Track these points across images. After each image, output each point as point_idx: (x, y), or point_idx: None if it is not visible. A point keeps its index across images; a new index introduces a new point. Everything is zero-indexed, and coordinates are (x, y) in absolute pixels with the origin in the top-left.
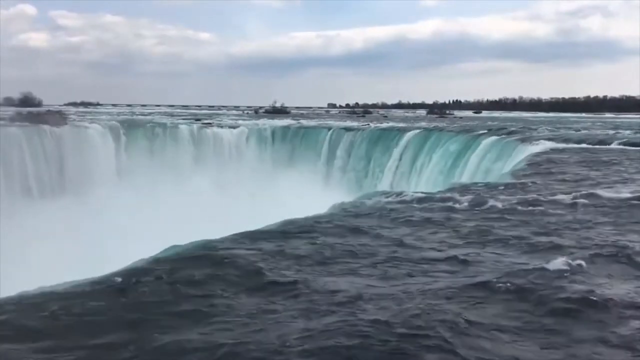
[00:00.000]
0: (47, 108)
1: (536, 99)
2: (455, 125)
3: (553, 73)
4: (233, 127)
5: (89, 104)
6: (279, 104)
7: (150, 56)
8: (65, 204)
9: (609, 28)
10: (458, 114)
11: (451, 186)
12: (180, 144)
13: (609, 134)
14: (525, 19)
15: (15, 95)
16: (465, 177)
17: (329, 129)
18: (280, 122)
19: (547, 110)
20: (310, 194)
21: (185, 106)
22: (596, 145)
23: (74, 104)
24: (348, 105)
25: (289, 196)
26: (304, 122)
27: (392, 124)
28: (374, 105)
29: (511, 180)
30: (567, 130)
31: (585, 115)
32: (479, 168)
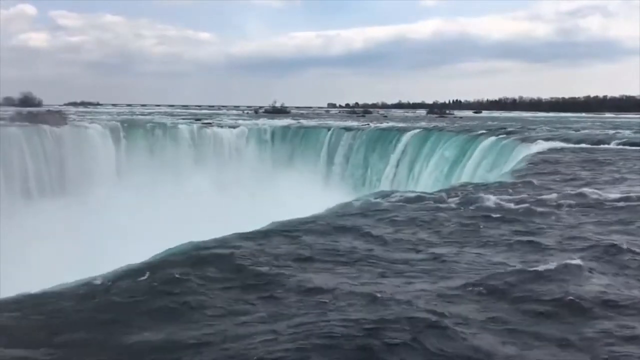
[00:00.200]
0: (47, 108)
1: (536, 98)
2: (456, 125)
3: (553, 73)
4: (233, 127)
5: (89, 104)
6: (278, 104)
7: (150, 56)
8: (65, 204)
9: (608, 28)
10: (458, 113)
11: (451, 186)
12: (180, 144)
13: (608, 133)
14: (525, 19)
15: (15, 95)
16: (465, 177)
17: (329, 128)
18: (280, 122)
19: (547, 110)
20: (310, 194)
21: (185, 106)
22: (595, 145)
23: (73, 104)
24: (348, 105)
25: (289, 196)
26: (304, 122)
27: (392, 123)
28: (374, 105)
29: (511, 180)
30: (567, 130)
31: (585, 115)
32: (478, 168)
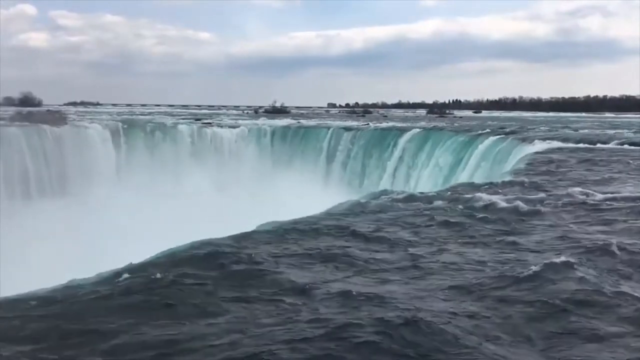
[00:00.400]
0: (47, 108)
1: (536, 98)
2: (455, 125)
3: (553, 73)
4: (233, 127)
5: (89, 103)
6: (278, 104)
7: (150, 56)
8: (65, 204)
9: (608, 28)
10: (458, 113)
11: (450, 186)
12: (180, 143)
13: (608, 133)
14: (525, 19)
15: (15, 95)
16: (464, 177)
17: (329, 128)
18: (280, 122)
19: (547, 110)
20: (310, 194)
21: (185, 106)
22: (594, 145)
23: (73, 104)
24: (348, 105)
25: (288, 196)
26: (304, 122)
27: (392, 123)
28: (374, 105)
29: (510, 179)
30: (567, 130)
31: (585, 115)
32: (478, 168)
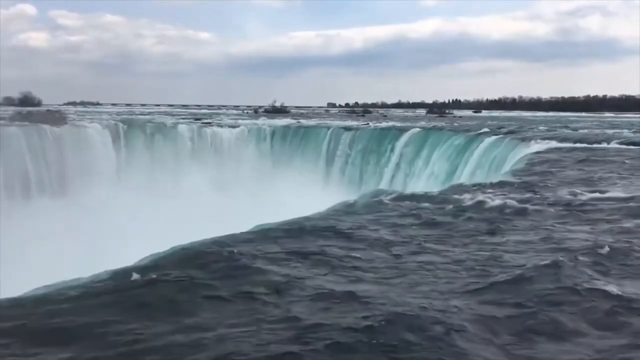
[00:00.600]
0: (47, 108)
1: (536, 98)
2: (455, 125)
3: (553, 72)
4: (233, 127)
5: (89, 103)
6: (278, 104)
7: (150, 56)
8: (64, 204)
9: (608, 27)
10: (458, 113)
11: (450, 186)
12: (180, 143)
13: (607, 133)
14: (524, 18)
15: (15, 94)
16: (464, 177)
17: (329, 128)
18: (280, 122)
19: (547, 110)
20: (310, 194)
21: (184, 106)
22: (593, 144)
23: (73, 104)
24: (348, 105)
25: (288, 196)
26: (304, 122)
27: (392, 123)
28: (374, 105)
29: (510, 179)
30: (565, 130)
31: (585, 114)
32: (477, 168)
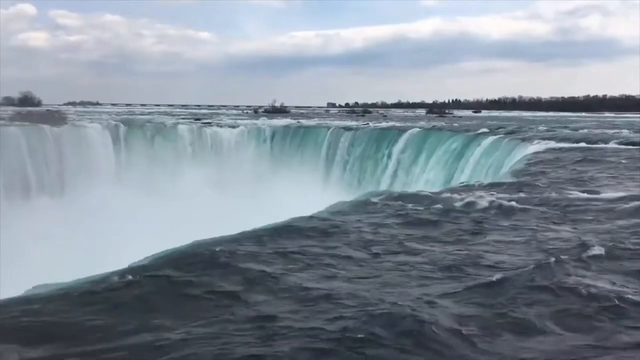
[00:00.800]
0: (47, 108)
1: (535, 98)
2: (455, 125)
3: (552, 72)
4: (232, 127)
5: (89, 103)
6: (278, 104)
7: (150, 55)
8: (64, 204)
9: (608, 27)
10: (457, 113)
11: (449, 185)
12: (180, 143)
13: (607, 133)
14: (524, 18)
15: (14, 94)
16: (464, 177)
17: (329, 128)
18: (280, 122)
19: (547, 110)
20: (310, 194)
21: (184, 106)
22: (593, 145)
23: (73, 104)
24: (347, 105)
25: (288, 196)
26: (304, 122)
27: (392, 123)
28: (374, 105)
29: (509, 179)
30: (565, 130)
31: (585, 114)
32: (477, 168)
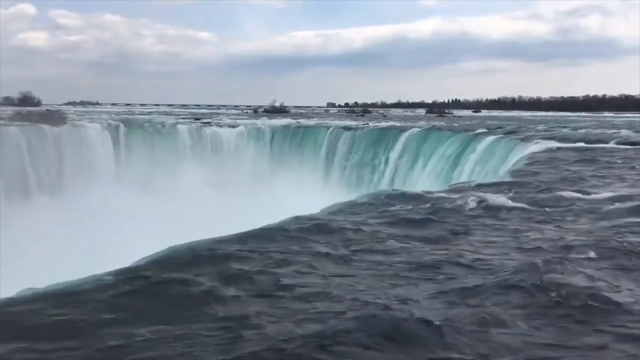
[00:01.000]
0: (46, 107)
1: (535, 98)
2: (455, 125)
3: (552, 72)
4: (232, 127)
5: (88, 103)
6: (278, 103)
7: (150, 55)
8: (64, 203)
9: (607, 27)
10: (457, 113)
11: (449, 185)
12: (179, 143)
13: (607, 132)
14: (524, 18)
15: (14, 94)
16: (463, 177)
17: (328, 128)
18: (280, 122)
19: (547, 110)
20: (310, 194)
21: (184, 105)
22: (592, 144)
23: (73, 104)
24: (347, 105)
25: (288, 196)
26: (303, 122)
27: (392, 123)
28: (373, 105)
29: (509, 179)
30: (565, 129)
31: (584, 114)
32: (476, 167)
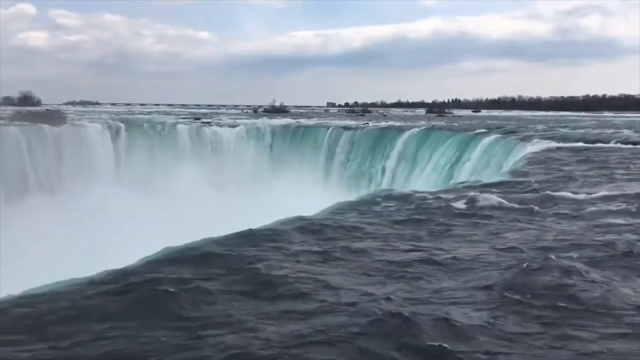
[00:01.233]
0: (46, 107)
1: (535, 98)
2: (455, 124)
3: (552, 72)
4: (232, 127)
5: (88, 103)
6: (278, 103)
7: (150, 55)
8: (64, 203)
9: (607, 27)
10: (457, 113)
11: (449, 185)
12: (180, 143)
13: (606, 132)
14: (524, 18)
15: (14, 94)
16: (463, 176)
17: (328, 128)
18: (280, 121)
19: (546, 109)
20: (310, 193)
21: (184, 105)
22: (592, 144)
23: (72, 103)
24: (347, 104)
25: (288, 196)
26: (303, 121)
27: (391, 122)
28: (373, 105)
29: (508, 179)
30: (564, 129)
31: (584, 114)
32: (476, 167)
